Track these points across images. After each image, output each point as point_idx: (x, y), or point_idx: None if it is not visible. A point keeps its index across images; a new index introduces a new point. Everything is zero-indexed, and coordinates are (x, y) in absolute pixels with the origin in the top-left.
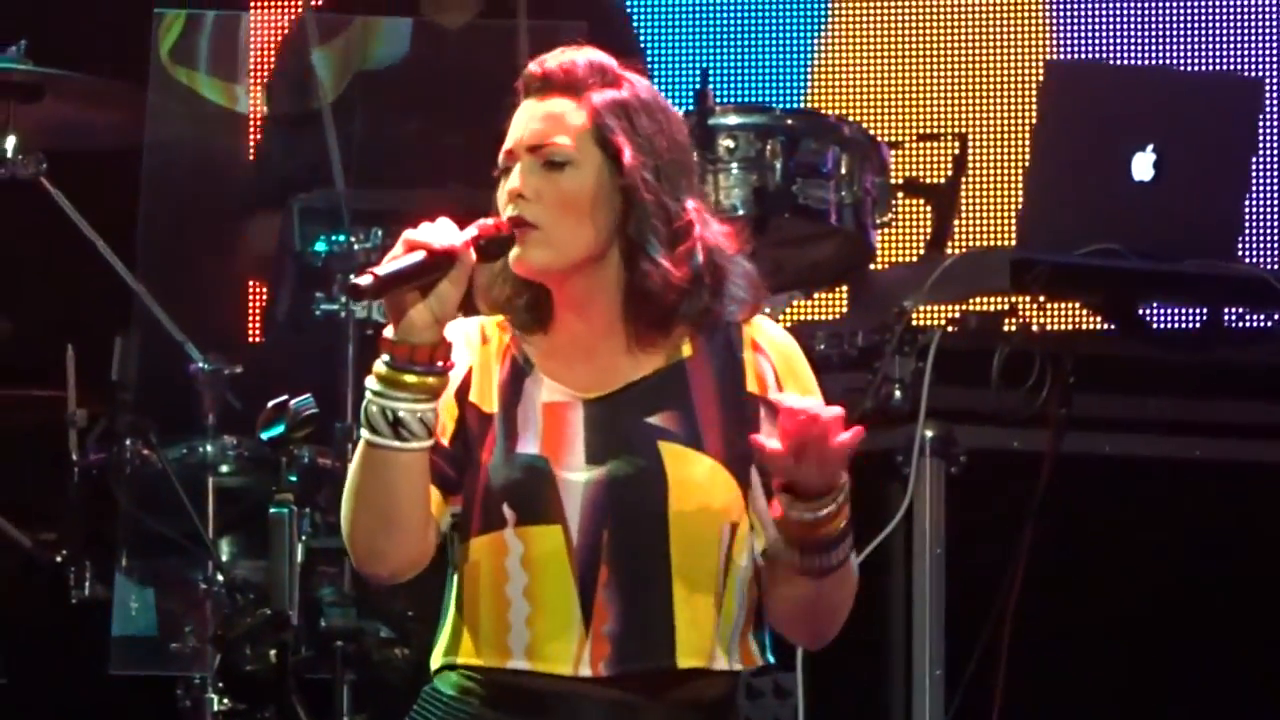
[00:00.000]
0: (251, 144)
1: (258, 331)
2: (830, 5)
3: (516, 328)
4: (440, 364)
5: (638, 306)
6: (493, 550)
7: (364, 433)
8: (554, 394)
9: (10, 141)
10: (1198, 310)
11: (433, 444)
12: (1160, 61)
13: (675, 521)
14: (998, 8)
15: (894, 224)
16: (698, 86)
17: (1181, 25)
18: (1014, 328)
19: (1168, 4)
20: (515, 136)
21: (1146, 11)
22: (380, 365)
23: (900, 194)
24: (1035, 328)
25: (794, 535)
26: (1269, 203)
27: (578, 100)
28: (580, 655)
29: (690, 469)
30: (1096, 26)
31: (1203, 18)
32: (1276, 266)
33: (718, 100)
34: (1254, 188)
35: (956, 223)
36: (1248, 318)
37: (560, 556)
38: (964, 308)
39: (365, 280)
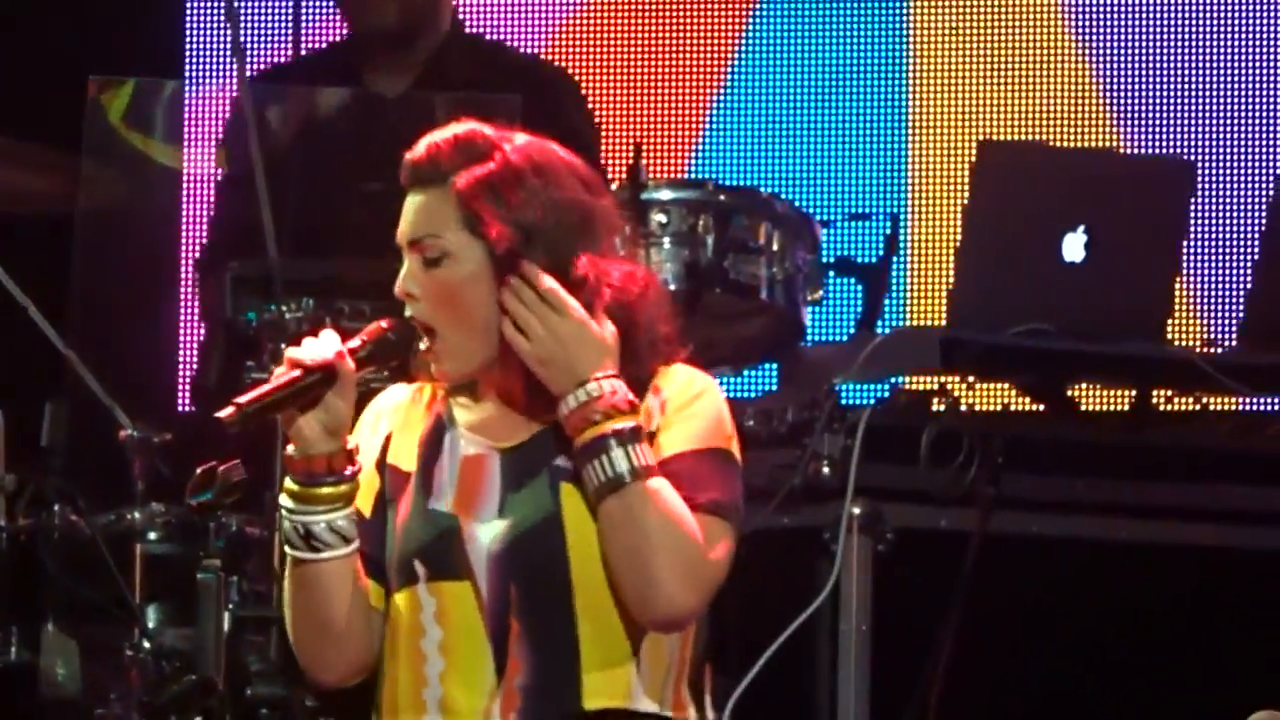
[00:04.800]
0: (184, 214)
1: (187, 400)
2: (763, 83)
3: (450, 393)
4: (346, 471)
5: (542, 386)
6: (409, 605)
7: (286, 548)
8: (471, 446)
9: None
10: (1127, 391)
11: (354, 549)
12: (1093, 142)
13: (576, 563)
14: (930, 86)
15: (825, 302)
16: (631, 160)
17: (1118, 105)
18: (943, 407)
19: (1103, 84)
20: (399, 233)
21: (1082, 92)
22: (288, 481)
23: (832, 272)
24: (964, 407)
25: (571, 442)
26: (1199, 285)
27: (443, 187)
28: (491, 709)
29: (586, 507)
30: (1030, 105)
31: (1138, 99)
32: (1206, 349)
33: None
34: (1184, 270)
35: (887, 301)
36: (1176, 400)
37: (472, 612)
38: (893, 386)
39: (227, 412)
